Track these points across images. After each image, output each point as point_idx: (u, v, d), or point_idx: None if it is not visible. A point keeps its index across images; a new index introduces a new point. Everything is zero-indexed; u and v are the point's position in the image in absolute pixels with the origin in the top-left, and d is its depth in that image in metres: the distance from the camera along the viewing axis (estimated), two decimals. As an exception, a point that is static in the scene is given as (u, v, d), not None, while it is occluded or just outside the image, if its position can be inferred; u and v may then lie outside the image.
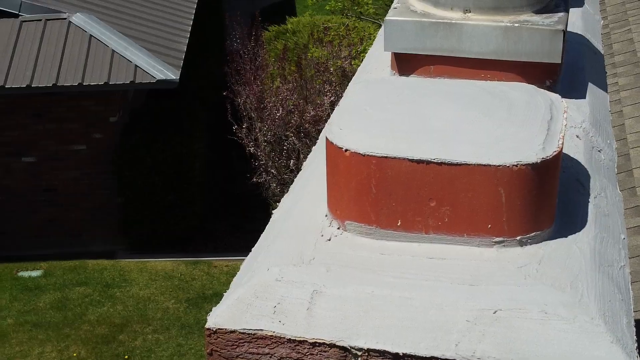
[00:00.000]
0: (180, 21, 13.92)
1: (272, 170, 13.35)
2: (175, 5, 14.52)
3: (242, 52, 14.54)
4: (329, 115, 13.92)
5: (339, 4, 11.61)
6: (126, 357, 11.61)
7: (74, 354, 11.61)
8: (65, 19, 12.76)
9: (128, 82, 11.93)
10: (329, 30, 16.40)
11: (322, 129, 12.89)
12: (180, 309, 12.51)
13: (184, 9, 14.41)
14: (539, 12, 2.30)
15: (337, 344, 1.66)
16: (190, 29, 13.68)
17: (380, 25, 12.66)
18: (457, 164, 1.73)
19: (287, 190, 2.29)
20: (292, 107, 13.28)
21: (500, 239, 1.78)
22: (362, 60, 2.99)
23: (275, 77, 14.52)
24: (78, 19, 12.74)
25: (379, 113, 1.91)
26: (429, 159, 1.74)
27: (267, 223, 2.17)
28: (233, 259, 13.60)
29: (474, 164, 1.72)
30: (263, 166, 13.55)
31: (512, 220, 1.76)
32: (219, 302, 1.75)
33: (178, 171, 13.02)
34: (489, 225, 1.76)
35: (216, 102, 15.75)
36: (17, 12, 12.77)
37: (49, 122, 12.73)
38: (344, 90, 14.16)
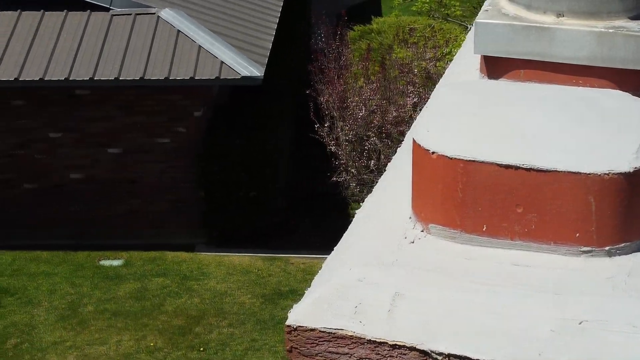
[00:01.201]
0: (266, 18, 14.02)
1: (352, 170, 13.35)
2: (262, 2, 14.63)
3: (327, 51, 14.57)
4: (411, 117, 13.86)
5: (426, 5, 11.53)
6: (201, 349, 11.76)
7: (151, 344, 11.81)
8: (154, 13, 12.98)
9: (213, 77, 12.07)
10: (414, 32, 16.32)
11: (403, 130, 12.83)
12: (255, 304, 12.61)
13: (270, 6, 14.51)
14: (634, 18, 2.25)
15: (418, 347, 1.65)
16: (276, 26, 13.77)
17: (466, 28, 12.55)
18: (546, 171, 1.70)
19: (366, 191, 2.28)
20: (375, 107, 13.25)
21: (588, 248, 1.74)
22: (448, 62, 2.97)
23: (359, 77, 14.52)
24: (166, 14, 12.94)
25: (467, 116, 1.89)
26: (518, 165, 1.72)
27: (345, 222, 2.16)
28: (310, 256, 13.65)
29: (564, 171, 1.69)
30: (343, 165, 13.56)
31: (601, 230, 1.72)
32: (294, 299, 1.74)
33: (262, 167, 13.12)
34: (577, 234, 1.73)
35: (299, 100, 15.84)
36: (108, 6, 13.03)
37: (136, 115, 12.96)
38: (428, 92, 14.09)
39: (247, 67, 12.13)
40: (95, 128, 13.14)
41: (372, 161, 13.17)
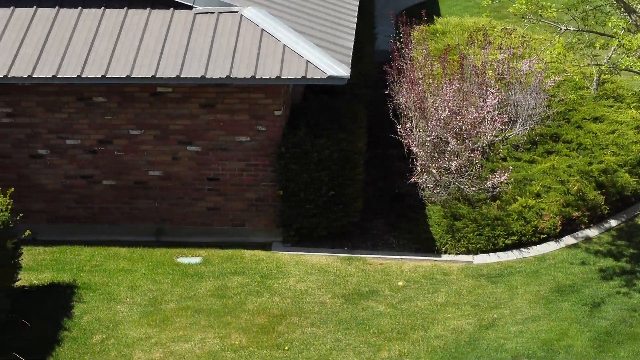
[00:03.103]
0: (345, 17, 13.99)
1: (434, 171, 13.27)
2: (339, 1, 14.59)
3: (405, 51, 14.50)
4: (492, 118, 13.76)
5: (523, 6, 11.43)
6: (286, 348, 11.76)
7: (236, 342, 11.82)
8: (237, 12, 12.98)
9: (299, 76, 12.04)
10: (487, 32, 16.23)
11: (481, 132, 12.69)
12: (336, 304, 12.59)
13: (347, 5, 14.47)
14: None
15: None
16: (355, 25, 13.73)
17: (560, 30, 12.39)
18: None
19: (444, 192, 2.17)
20: (457, 108, 13.17)
21: None
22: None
23: (437, 77, 14.44)
24: (250, 12, 12.93)
25: None
26: None
27: (421, 224, 2.04)
28: (388, 257, 13.61)
29: None
30: (422, 166, 13.49)
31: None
32: (375, 300, 1.60)
33: (343, 167, 13.10)
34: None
35: (371, 100, 15.80)
36: (191, 5, 13.05)
37: (219, 113, 12.98)
38: (504, 93, 13.91)
39: (333, 67, 12.08)
40: (176, 125, 13.17)
41: (455, 163, 13.08)
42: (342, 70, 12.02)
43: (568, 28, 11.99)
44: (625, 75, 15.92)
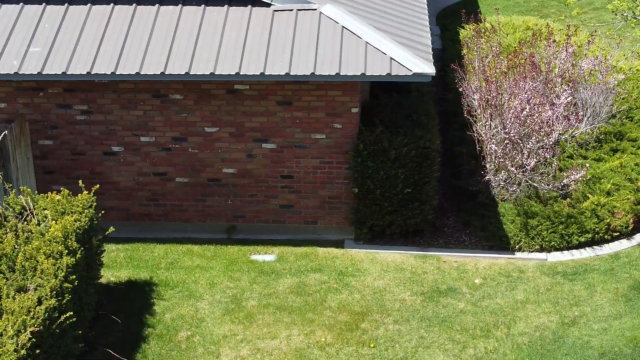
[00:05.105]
0: (418, 15, 13.98)
1: (512, 169, 13.26)
2: (409, -1, 14.59)
3: (475, 49, 14.50)
4: (567, 117, 13.76)
5: (624, 3, 11.43)
6: (372, 345, 11.75)
7: (322, 339, 11.81)
8: (315, 9, 12.97)
9: (384, 73, 12.03)
10: (551, 30, 16.24)
11: (554, 129, 12.62)
12: (417, 302, 12.58)
13: (417, 3, 14.46)
14: None
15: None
16: (428, 22, 13.72)
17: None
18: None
19: (516, 190, 2.15)
20: (535, 106, 13.17)
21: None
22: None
23: (507, 75, 14.43)
24: (328, 9, 12.92)
25: None
26: None
27: (494, 221, 2.01)
28: (462, 255, 13.60)
29: None
30: (498, 164, 13.48)
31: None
32: (455, 297, 1.57)
33: (420, 165, 13.08)
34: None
35: (437, 97, 15.83)
36: (269, 2, 13.03)
37: (296, 110, 12.96)
38: (574, 91, 13.85)
39: (418, 64, 12.07)
40: (252, 123, 13.16)
41: (533, 160, 13.08)
42: (427, 67, 12.01)
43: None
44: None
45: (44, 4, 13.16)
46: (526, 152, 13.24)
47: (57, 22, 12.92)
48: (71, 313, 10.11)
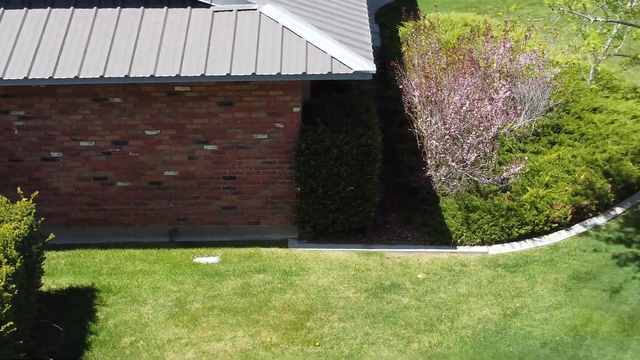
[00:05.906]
0: (357, 14, 14.04)
1: (452, 164, 13.41)
2: (346, -2, 14.64)
3: (414, 46, 14.61)
4: (502, 112, 13.95)
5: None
6: (317, 343, 11.79)
7: (268, 339, 11.82)
8: (255, 9, 12.95)
9: (325, 72, 12.07)
10: (488, 26, 16.44)
11: (493, 124, 12.82)
12: (361, 298, 12.66)
13: (357, 1, 14.53)
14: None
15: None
16: (368, 21, 13.79)
17: (589, 21, 12.55)
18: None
19: (457, 185, 2.27)
20: (474, 101, 13.33)
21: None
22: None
23: (445, 71, 14.58)
24: (268, 9, 12.92)
25: None
26: None
27: (436, 216, 2.15)
28: (405, 250, 13.72)
29: None
30: (439, 159, 13.62)
31: None
32: (399, 293, 1.66)
33: (361, 163, 13.15)
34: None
35: (378, 95, 15.91)
36: (208, 3, 12.98)
37: (238, 111, 12.94)
38: (512, 85, 14.03)
39: (359, 62, 12.13)
40: (193, 125, 13.10)
41: (473, 155, 13.24)
42: (367, 65, 12.08)
43: (597, 19, 12.23)
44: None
45: (-24, 8, 12.96)
46: (466, 147, 13.41)
47: (-9, 27, 12.73)
48: (12, 323, 9.97)
